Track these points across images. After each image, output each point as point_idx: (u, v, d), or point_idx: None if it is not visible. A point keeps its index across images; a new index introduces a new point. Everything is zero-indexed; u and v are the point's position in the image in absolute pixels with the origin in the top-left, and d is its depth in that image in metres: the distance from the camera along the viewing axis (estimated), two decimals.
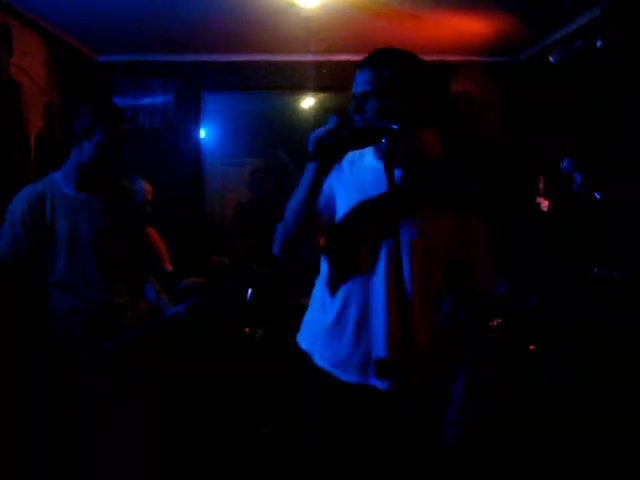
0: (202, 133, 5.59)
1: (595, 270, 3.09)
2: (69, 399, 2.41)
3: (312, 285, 2.00)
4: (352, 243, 1.84)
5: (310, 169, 1.72)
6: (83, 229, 2.50)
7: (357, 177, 1.87)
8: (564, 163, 3.61)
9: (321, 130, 1.65)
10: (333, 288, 1.87)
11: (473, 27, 4.51)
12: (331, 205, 1.89)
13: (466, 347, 1.86)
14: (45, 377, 2.42)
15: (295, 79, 5.35)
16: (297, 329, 2.02)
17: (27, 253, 2.44)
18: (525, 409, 2.79)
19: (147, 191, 3.51)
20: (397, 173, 1.76)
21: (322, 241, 1.90)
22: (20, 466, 2.47)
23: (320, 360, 1.90)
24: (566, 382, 3.09)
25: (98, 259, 2.51)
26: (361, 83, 1.76)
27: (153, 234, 3.54)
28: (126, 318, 2.56)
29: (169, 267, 3.87)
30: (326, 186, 1.82)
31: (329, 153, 1.67)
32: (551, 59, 4.23)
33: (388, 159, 1.63)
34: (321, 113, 6.26)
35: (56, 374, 2.41)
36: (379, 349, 1.79)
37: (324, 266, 1.94)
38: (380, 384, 1.80)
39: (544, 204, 4.25)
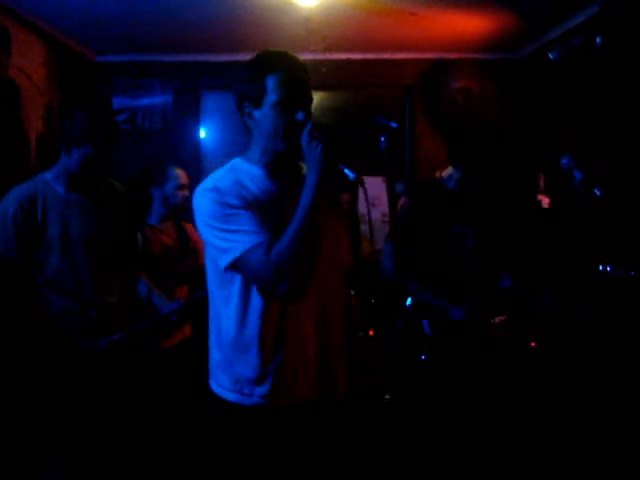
0: (202, 133, 5.58)
1: (601, 268, 3.08)
2: (64, 397, 2.41)
3: None
4: None
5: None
6: (74, 229, 2.49)
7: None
8: (564, 160, 3.60)
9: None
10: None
11: (472, 24, 4.51)
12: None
13: None
14: (39, 376, 2.41)
15: None
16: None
17: (18, 253, 2.43)
18: (525, 409, 2.78)
19: (180, 175, 3.45)
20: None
21: None
22: (17, 463, 2.47)
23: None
24: (568, 381, 3.09)
25: (90, 259, 2.50)
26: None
27: (191, 230, 3.48)
28: (118, 318, 2.56)
29: None
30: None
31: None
32: (551, 56, 4.23)
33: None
34: (320, 112, 6.26)
35: (50, 373, 2.41)
36: None
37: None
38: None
39: (545, 201, 4.25)
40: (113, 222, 2.63)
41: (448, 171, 2.76)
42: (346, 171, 1.66)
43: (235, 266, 1.71)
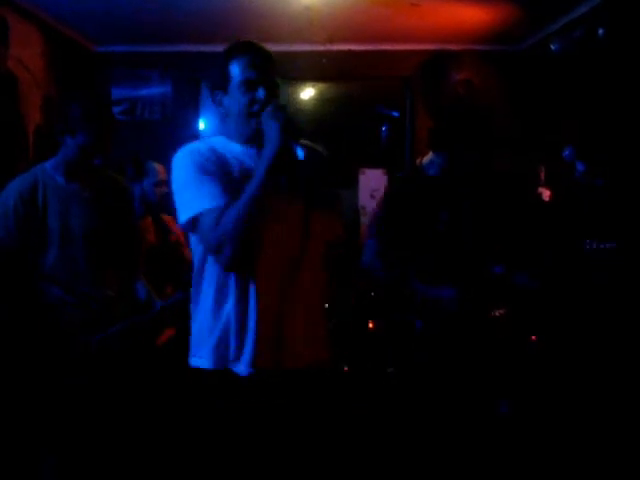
0: (201, 124, 5.56)
1: (587, 242, 3.07)
2: (60, 390, 2.41)
3: None
4: None
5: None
6: (74, 220, 2.49)
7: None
8: (566, 152, 3.59)
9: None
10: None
11: (474, 15, 4.49)
12: None
13: None
14: (37, 367, 2.41)
15: (295, 69, 5.31)
16: None
17: (19, 244, 2.42)
18: (525, 403, 2.78)
19: (159, 171, 3.41)
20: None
21: None
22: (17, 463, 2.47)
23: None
24: (568, 374, 3.09)
25: (88, 251, 2.50)
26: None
27: (171, 222, 3.46)
28: (116, 311, 2.55)
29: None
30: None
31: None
32: (552, 48, 4.21)
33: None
34: (321, 103, 6.24)
35: (48, 365, 2.40)
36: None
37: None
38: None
39: (545, 194, 4.24)
40: (113, 215, 2.62)
41: (429, 157, 2.72)
42: (298, 150, 1.73)
43: (191, 225, 1.78)
